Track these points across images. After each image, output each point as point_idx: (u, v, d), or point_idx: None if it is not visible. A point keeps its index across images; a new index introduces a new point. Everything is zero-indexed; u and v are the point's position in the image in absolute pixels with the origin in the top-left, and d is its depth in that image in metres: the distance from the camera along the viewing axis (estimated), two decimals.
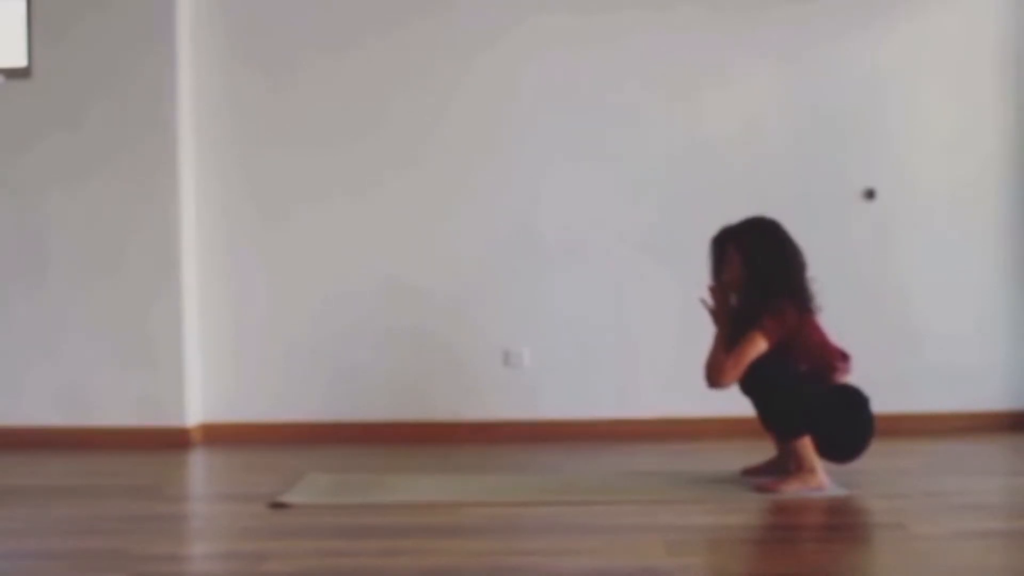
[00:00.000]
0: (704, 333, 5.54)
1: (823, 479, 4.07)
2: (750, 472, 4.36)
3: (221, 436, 5.57)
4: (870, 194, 5.55)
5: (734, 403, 4.36)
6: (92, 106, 5.51)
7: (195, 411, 5.59)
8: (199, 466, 5.16)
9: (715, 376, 4.17)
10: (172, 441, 5.45)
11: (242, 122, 5.64)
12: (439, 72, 5.62)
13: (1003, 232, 5.57)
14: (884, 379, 5.44)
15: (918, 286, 5.59)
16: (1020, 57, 5.57)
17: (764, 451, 4.42)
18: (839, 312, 5.51)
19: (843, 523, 3.73)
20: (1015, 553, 3.37)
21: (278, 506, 4.00)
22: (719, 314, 4.27)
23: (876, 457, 4.24)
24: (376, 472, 4.70)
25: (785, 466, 4.21)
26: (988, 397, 5.55)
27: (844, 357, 4.20)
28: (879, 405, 4.22)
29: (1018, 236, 5.57)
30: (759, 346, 4.08)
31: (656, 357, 5.56)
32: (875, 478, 4.24)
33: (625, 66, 5.58)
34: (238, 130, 5.65)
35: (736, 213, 5.65)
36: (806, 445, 4.08)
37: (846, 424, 4.15)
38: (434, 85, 5.62)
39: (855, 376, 4.26)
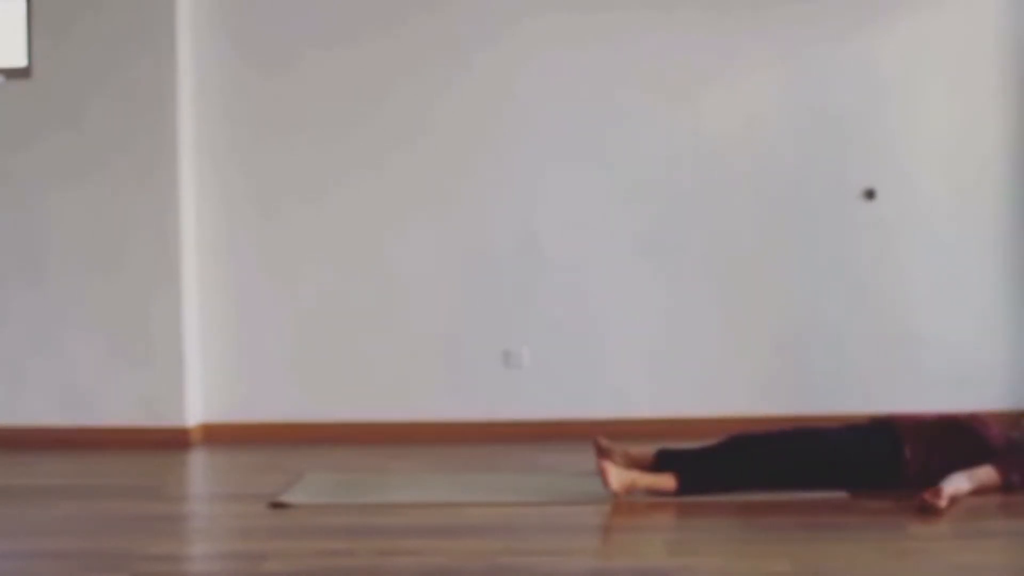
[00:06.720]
0: (700, 332, 5.58)
1: None
2: None
3: (221, 436, 5.57)
4: (870, 194, 5.54)
5: (734, 403, 4.36)
6: (92, 106, 5.51)
7: (195, 411, 5.59)
8: (199, 466, 5.16)
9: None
10: (172, 441, 5.45)
11: (242, 122, 5.64)
12: (438, 71, 5.61)
13: (1003, 232, 5.57)
14: (884, 379, 5.46)
15: (918, 286, 5.58)
16: (1020, 57, 5.57)
17: None
18: (840, 312, 5.56)
19: (843, 523, 3.73)
20: (1015, 553, 3.37)
21: (278, 506, 4.00)
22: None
23: None
24: (376, 472, 4.70)
25: None
26: (989, 398, 5.53)
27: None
28: (880, 405, 4.21)
29: (1018, 236, 5.57)
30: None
31: (655, 357, 5.56)
32: None
33: (624, 66, 5.57)
34: (238, 130, 5.64)
35: (735, 213, 5.68)
36: None
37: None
38: (433, 84, 5.61)
39: (857, 380, 4.24)
